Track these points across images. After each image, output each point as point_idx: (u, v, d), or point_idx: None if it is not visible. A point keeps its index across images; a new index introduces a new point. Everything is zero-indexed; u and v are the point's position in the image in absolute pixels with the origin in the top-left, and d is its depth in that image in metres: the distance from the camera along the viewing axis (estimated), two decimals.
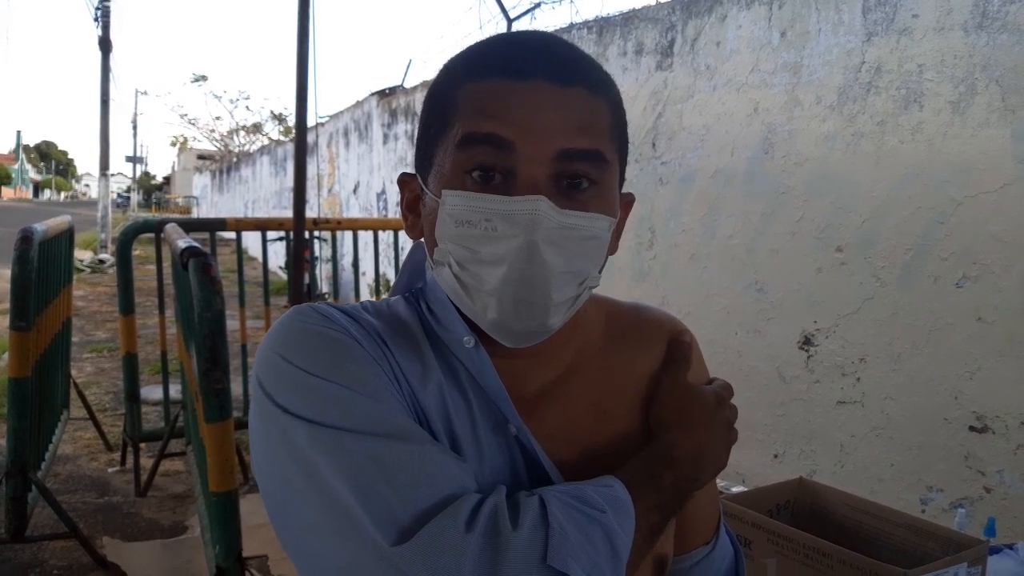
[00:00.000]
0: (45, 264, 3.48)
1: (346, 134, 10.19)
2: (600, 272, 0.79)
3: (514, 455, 0.79)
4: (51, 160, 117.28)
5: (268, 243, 4.82)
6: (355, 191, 9.74)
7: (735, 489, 2.00)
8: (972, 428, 2.60)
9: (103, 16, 16.50)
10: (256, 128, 30.06)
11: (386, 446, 0.69)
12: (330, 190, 10.85)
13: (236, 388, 3.95)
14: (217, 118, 34.16)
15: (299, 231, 4.30)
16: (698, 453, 0.80)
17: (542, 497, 0.70)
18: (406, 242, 5.48)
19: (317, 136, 10.96)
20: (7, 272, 3.11)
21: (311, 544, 0.69)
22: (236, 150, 29.10)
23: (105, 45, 16.41)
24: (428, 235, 0.79)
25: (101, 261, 14.37)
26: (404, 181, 0.84)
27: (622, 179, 0.82)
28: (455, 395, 0.79)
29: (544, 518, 0.67)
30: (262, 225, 4.76)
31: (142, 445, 4.11)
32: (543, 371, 0.83)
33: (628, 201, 0.85)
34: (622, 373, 0.87)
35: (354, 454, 0.68)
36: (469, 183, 0.73)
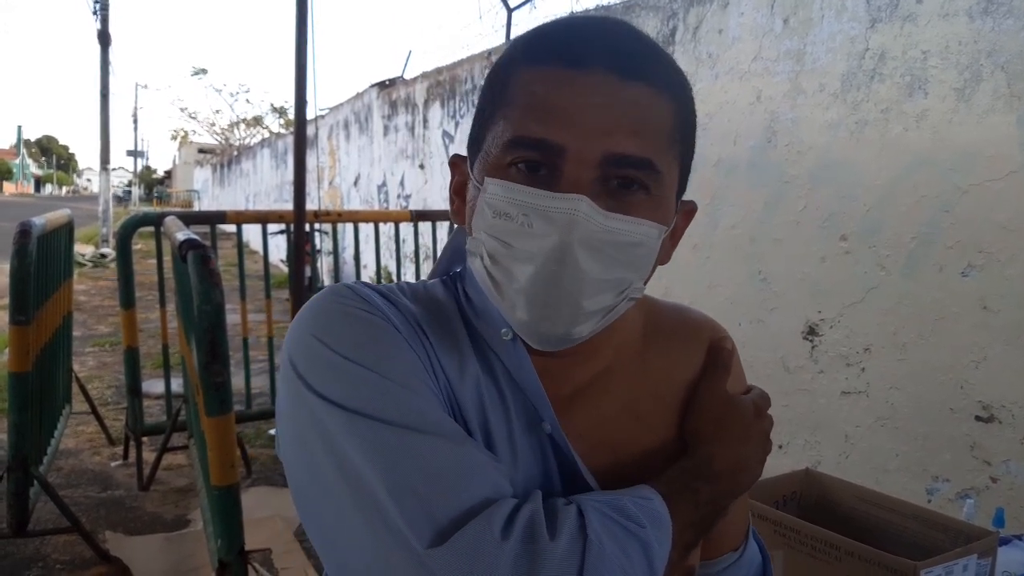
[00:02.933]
0: (44, 258, 3.47)
1: (346, 126, 10.17)
2: (645, 283, 0.75)
3: (547, 454, 0.77)
4: (52, 155, 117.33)
5: (269, 236, 4.81)
6: (356, 183, 9.72)
7: None
8: (978, 418, 2.58)
9: (102, 9, 16.45)
10: (256, 121, 30.08)
11: (424, 442, 0.67)
12: (331, 182, 10.83)
13: (237, 381, 3.95)
14: (217, 111, 34.18)
15: (299, 224, 4.29)
16: (737, 467, 0.78)
17: (580, 507, 0.68)
18: (407, 235, 5.45)
19: (317, 129, 10.94)
20: (7, 267, 3.09)
21: (338, 536, 0.67)
22: (237, 143, 29.09)
23: (104, 38, 16.37)
24: (469, 222, 0.76)
25: (103, 255, 14.37)
26: (455, 163, 0.81)
27: (683, 188, 0.79)
28: (491, 390, 0.77)
29: (582, 529, 0.65)
30: (262, 218, 4.73)
31: (144, 439, 4.11)
32: (579, 370, 0.81)
33: (689, 210, 0.82)
34: (660, 376, 0.84)
35: (391, 448, 0.66)
36: (513, 173, 0.70)
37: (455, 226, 0.86)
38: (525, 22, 6.64)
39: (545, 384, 0.77)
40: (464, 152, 0.81)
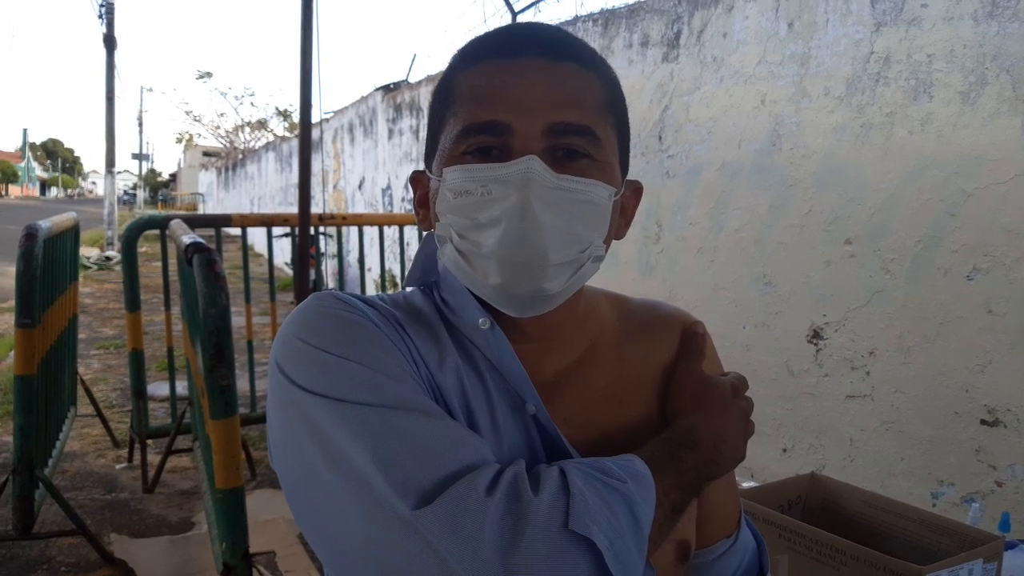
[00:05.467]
0: (50, 261, 3.48)
1: (351, 130, 10.18)
2: (606, 244, 0.79)
3: (532, 435, 0.79)
4: (57, 158, 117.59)
5: (274, 239, 4.81)
6: (360, 187, 9.73)
7: (745, 484, 1.99)
8: (983, 422, 2.58)
9: (107, 13, 16.51)
10: (261, 124, 30.14)
11: (406, 419, 0.69)
12: (335, 186, 10.84)
13: (242, 384, 3.95)
14: (222, 115, 34.20)
15: (304, 227, 4.29)
16: (717, 438, 0.81)
17: (562, 467, 0.70)
18: (412, 238, 5.46)
19: (322, 132, 10.96)
20: (13, 270, 3.10)
21: (331, 519, 0.69)
22: (241, 147, 29.15)
23: (110, 42, 16.42)
24: (434, 215, 0.80)
25: (108, 258, 14.40)
26: (416, 179, 0.86)
27: (625, 159, 0.83)
28: (472, 377, 0.80)
29: (565, 486, 0.67)
30: (267, 221, 4.75)
31: (149, 441, 4.12)
32: (557, 357, 0.84)
33: (636, 188, 0.86)
34: (637, 364, 0.88)
35: (374, 426, 0.69)
36: (468, 159, 0.76)
37: (423, 238, 0.91)
38: None
39: (525, 370, 0.80)
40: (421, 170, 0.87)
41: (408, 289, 0.90)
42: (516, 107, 0.74)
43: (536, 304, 0.76)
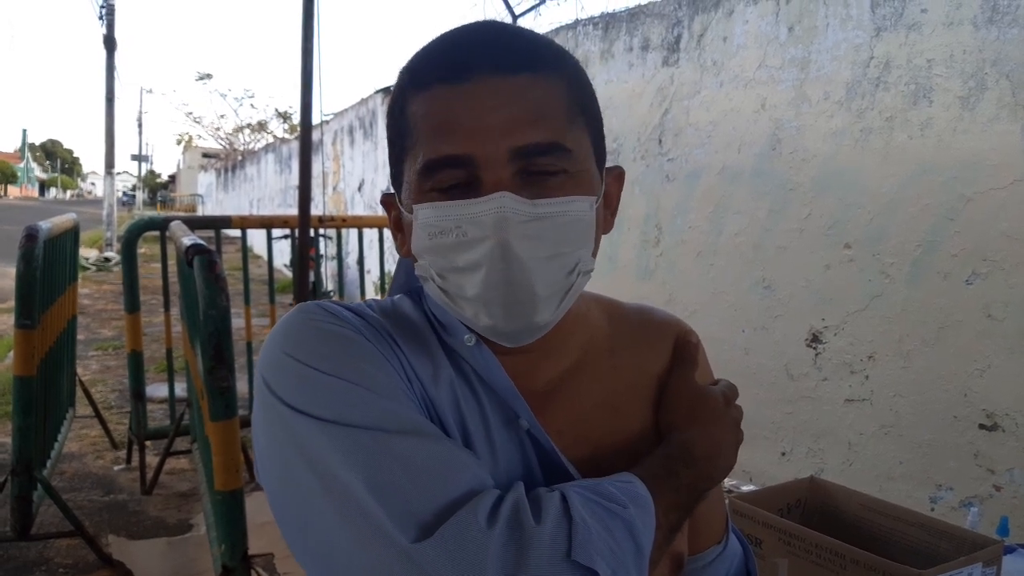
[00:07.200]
0: (50, 262, 3.47)
1: (351, 132, 10.18)
2: (594, 255, 0.77)
3: (526, 450, 0.78)
4: (57, 159, 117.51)
5: (273, 241, 4.82)
6: (360, 189, 9.73)
7: (744, 488, 1.99)
8: (982, 426, 2.58)
9: (108, 14, 16.51)
10: (261, 126, 30.13)
11: (401, 442, 0.67)
12: (335, 188, 10.84)
13: (241, 386, 3.95)
14: (222, 116, 34.17)
15: (304, 229, 4.30)
16: (714, 451, 0.80)
17: (563, 492, 0.69)
18: None
19: (322, 134, 10.95)
20: (13, 270, 3.10)
21: (325, 546, 0.67)
22: (241, 148, 29.15)
23: (110, 43, 16.43)
24: (412, 250, 0.78)
25: (107, 259, 14.39)
26: (387, 203, 0.83)
27: (600, 153, 0.79)
28: (466, 392, 0.78)
29: (566, 513, 0.66)
30: (267, 223, 4.75)
31: (148, 443, 4.11)
32: (549, 365, 0.83)
33: (617, 174, 0.83)
34: (631, 372, 0.86)
35: (368, 450, 0.66)
36: (437, 195, 0.72)
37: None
38: (530, 28, 6.63)
39: (517, 382, 0.78)
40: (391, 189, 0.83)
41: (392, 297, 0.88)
42: (475, 136, 0.70)
43: (531, 335, 0.75)
